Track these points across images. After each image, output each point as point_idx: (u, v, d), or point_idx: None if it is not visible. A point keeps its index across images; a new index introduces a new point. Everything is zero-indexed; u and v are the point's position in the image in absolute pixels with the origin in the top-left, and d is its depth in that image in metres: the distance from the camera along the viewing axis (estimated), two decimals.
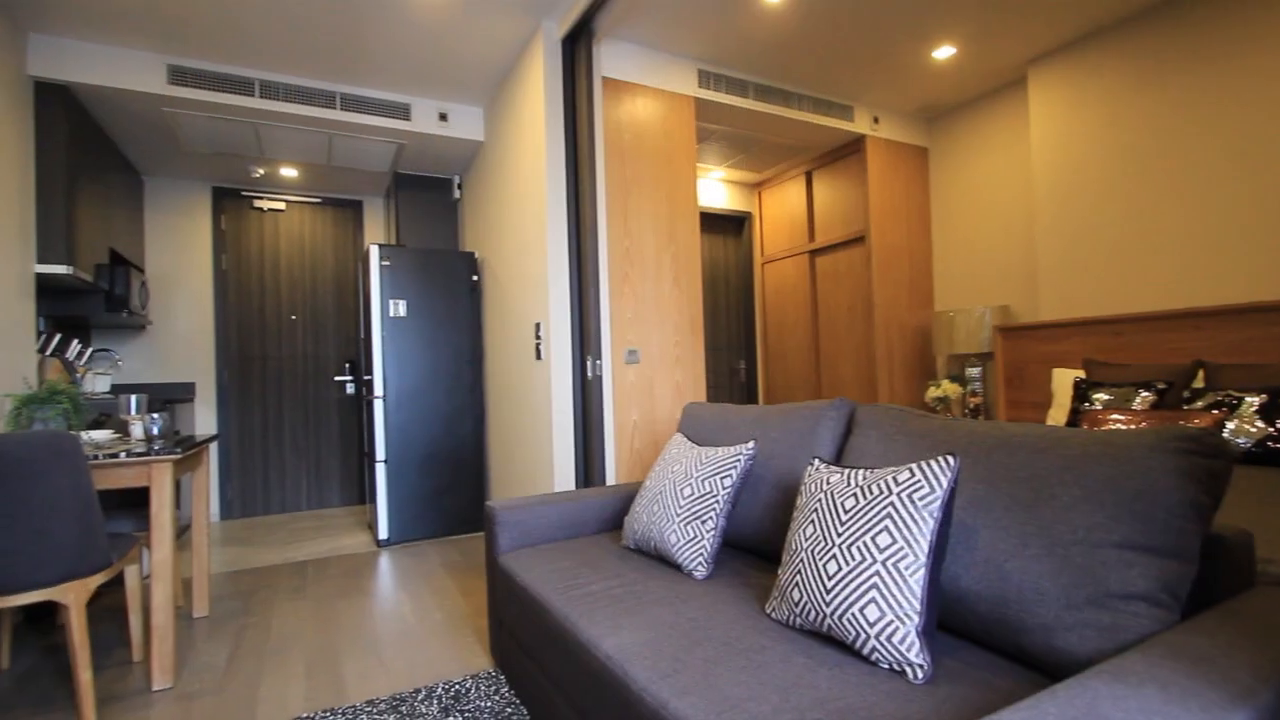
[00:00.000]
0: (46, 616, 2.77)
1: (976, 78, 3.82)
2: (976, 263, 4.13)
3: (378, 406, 3.87)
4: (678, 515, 1.78)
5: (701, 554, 1.71)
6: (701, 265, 3.37)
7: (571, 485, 2.99)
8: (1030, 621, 1.13)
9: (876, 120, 4.15)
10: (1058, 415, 3.16)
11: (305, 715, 1.87)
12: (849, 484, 1.34)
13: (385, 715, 1.85)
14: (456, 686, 2.01)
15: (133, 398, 2.61)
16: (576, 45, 3.00)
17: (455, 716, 1.83)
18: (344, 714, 1.87)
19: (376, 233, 5.23)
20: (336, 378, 5.04)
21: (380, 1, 2.83)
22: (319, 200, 5.05)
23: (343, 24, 3.01)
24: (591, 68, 2.94)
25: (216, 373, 4.68)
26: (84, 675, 1.87)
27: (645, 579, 1.69)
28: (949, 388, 3.91)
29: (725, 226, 5.23)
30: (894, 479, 1.26)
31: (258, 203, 4.87)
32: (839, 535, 1.27)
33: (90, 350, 3.80)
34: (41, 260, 3.03)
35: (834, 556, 1.26)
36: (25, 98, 2.99)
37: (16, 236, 2.87)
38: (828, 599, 1.24)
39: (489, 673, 2.09)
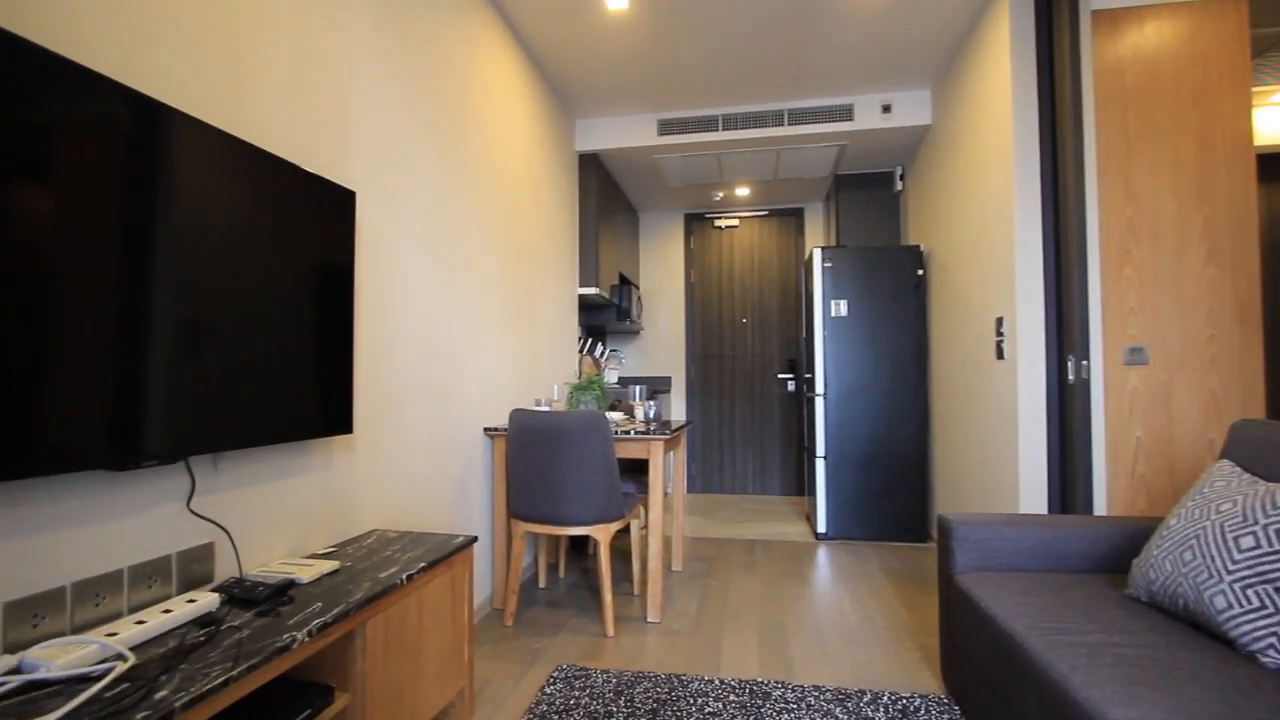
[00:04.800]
0: (582, 547, 3.75)
1: None
2: None
3: (818, 404, 4.00)
4: (1229, 572, 1.29)
5: (1275, 633, 1.20)
6: (1259, 228, 2.41)
7: (1042, 508, 2.52)
8: None
9: None
10: None
11: (760, 679, 2.05)
12: None
13: (831, 705, 1.88)
14: (904, 701, 1.90)
15: (636, 388, 3.32)
16: None
17: None
18: (793, 690, 1.97)
19: (816, 236, 5.44)
20: (779, 375, 5.44)
21: (823, 7, 2.91)
22: (765, 213, 5.54)
23: (789, 43, 3.20)
24: (1077, 3, 2.41)
25: (686, 369, 5.59)
26: (606, 595, 2.46)
27: (1169, 645, 1.28)
28: None
29: None
30: None
31: (718, 222, 5.63)
32: None
33: (607, 350, 5.01)
34: (581, 285, 4.13)
35: None
36: (573, 167, 4.12)
37: (569, 269, 3.98)
38: None
39: (939, 698, 1.92)
